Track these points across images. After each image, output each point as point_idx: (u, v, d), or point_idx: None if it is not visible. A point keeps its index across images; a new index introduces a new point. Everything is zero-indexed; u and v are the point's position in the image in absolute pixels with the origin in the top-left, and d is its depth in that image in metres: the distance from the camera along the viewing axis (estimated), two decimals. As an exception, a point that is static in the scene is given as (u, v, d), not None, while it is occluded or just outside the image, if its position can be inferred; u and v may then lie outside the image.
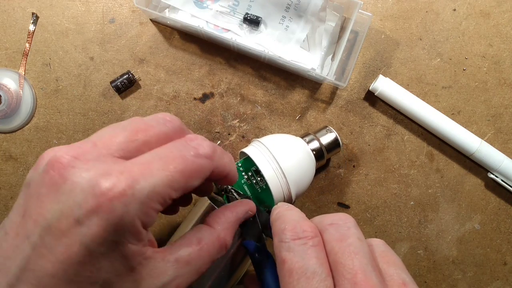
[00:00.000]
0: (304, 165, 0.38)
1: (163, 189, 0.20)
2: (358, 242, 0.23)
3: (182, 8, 0.44)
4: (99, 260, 0.19)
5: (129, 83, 0.44)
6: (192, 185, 0.21)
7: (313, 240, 0.23)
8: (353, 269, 0.21)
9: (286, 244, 0.23)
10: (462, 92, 0.46)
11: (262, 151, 0.37)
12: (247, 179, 0.39)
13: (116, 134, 0.21)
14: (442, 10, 0.46)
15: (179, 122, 0.24)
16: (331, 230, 0.23)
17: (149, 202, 0.19)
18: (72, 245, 0.18)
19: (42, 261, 0.18)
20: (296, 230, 0.23)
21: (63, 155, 0.19)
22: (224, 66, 0.45)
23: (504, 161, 0.43)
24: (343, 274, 0.21)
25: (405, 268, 0.23)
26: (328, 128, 0.42)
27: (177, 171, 0.20)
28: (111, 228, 0.18)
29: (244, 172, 0.39)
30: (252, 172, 0.39)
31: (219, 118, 0.45)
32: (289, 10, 0.43)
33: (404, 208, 0.45)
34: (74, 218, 0.18)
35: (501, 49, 0.46)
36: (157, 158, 0.20)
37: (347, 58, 0.45)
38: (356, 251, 0.22)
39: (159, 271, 0.21)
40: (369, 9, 0.46)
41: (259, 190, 0.39)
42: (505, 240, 0.46)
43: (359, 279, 0.21)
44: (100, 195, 0.18)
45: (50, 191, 0.19)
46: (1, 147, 0.44)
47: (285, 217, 0.25)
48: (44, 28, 0.45)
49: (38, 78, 0.45)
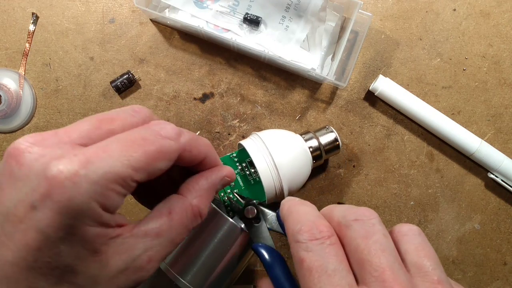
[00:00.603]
0: (299, 162, 0.38)
1: (122, 169, 0.19)
2: (384, 239, 0.22)
3: (182, 8, 0.44)
4: (56, 245, 0.18)
5: (129, 83, 0.44)
6: (157, 167, 0.21)
7: (330, 239, 0.23)
8: (380, 267, 0.21)
9: (304, 245, 0.23)
10: (462, 92, 0.46)
11: (258, 144, 0.37)
12: (241, 170, 0.39)
13: (79, 123, 0.21)
14: (442, 10, 0.46)
15: (148, 112, 0.23)
16: (355, 226, 0.23)
17: (106, 183, 0.18)
18: (28, 231, 0.18)
19: (2, 249, 0.18)
20: (313, 232, 0.23)
21: (21, 142, 0.19)
22: (224, 66, 0.45)
23: (504, 161, 0.43)
24: (370, 272, 0.21)
25: (440, 263, 0.22)
26: (328, 127, 0.41)
27: (136, 151, 0.20)
28: (64, 211, 0.18)
29: (239, 163, 0.39)
30: (246, 163, 0.39)
31: (219, 118, 0.45)
32: (289, 10, 0.43)
33: (404, 208, 0.45)
34: (29, 204, 0.18)
35: (501, 49, 0.46)
36: (115, 140, 0.20)
37: (347, 58, 0.45)
38: (382, 249, 0.21)
39: (127, 246, 0.21)
40: (369, 9, 0.46)
41: (252, 182, 0.39)
42: (505, 240, 0.46)
43: (387, 276, 0.20)
44: (52, 178, 0.18)
45: (9, 178, 0.19)
46: (1, 147, 0.44)
47: (298, 215, 0.25)
48: (44, 28, 0.45)
49: (38, 78, 0.45)
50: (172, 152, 0.22)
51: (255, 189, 0.39)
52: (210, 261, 0.35)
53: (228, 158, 0.39)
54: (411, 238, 0.23)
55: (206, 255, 0.35)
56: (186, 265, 0.35)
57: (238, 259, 0.36)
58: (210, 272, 0.35)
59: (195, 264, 0.35)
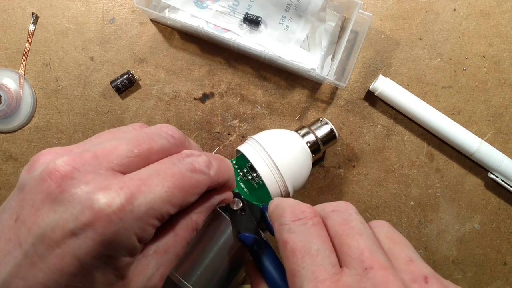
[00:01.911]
0: (299, 159, 0.38)
1: (161, 205, 0.20)
2: (361, 225, 0.23)
3: (182, 8, 0.44)
4: (91, 272, 0.19)
5: (129, 83, 0.44)
6: (190, 200, 0.22)
7: (312, 220, 0.23)
8: (358, 248, 0.21)
9: (287, 226, 0.23)
10: (462, 92, 0.46)
11: (256, 147, 0.37)
12: (243, 176, 0.39)
13: (117, 146, 0.21)
14: (442, 10, 0.46)
15: (182, 137, 0.24)
16: (333, 216, 0.24)
17: (146, 218, 0.19)
18: (65, 256, 0.18)
19: (33, 269, 0.18)
20: (295, 212, 0.24)
21: (62, 165, 0.19)
22: (224, 66, 0.45)
23: (504, 161, 0.43)
24: (349, 254, 0.21)
25: (412, 246, 0.23)
26: (322, 119, 0.41)
27: (175, 187, 0.20)
28: (106, 243, 0.18)
29: (239, 169, 0.39)
30: (247, 168, 0.39)
31: (219, 118, 0.45)
32: (289, 10, 0.43)
33: (404, 208, 0.45)
34: (69, 230, 0.18)
35: (501, 49, 0.46)
36: (155, 173, 0.20)
37: (347, 58, 0.45)
38: (360, 232, 0.22)
39: (142, 267, 0.21)
40: (369, 9, 0.46)
41: (255, 186, 0.39)
42: (505, 240, 0.46)
43: (366, 257, 0.21)
44: (98, 210, 0.18)
45: (47, 200, 0.19)
46: (1, 147, 0.44)
47: (282, 203, 0.26)
48: (44, 28, 0.45)
49: (38, 78, 0.45)
50: (204, 185, 0.23)
51: (259, 193, 0.39)
52: (214, 263, 0.35)
53: None
54: (381, 228, 0.24)
55: (210, 257, 0.35)
56: (190, 268, 0.35)
57: (241, 261, 0.36)
58: (213, 275, 0.35)
59: (198, 267, 0.35)
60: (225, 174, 0.25)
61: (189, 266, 0.35)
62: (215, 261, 0.35)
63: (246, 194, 0.39)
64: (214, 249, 0.36)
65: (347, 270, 0.21)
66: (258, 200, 0.39)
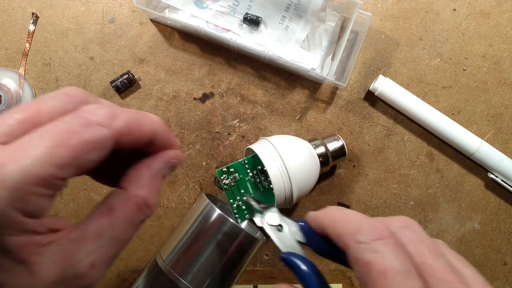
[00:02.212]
0: (308, 168, 0.38)
1: (43, 169, 0.17)
2: (434, 243, 0.23)
3: (182, 8, 0.44)
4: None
5: (129, 83, 0.44)
6: (88, 159, 0.19)
7: (392, 239, 0.22)
8: (442, 270, 0.21)
9: (369, 246, 0.22)
10: (462, 92, 0.46)
11: (269, 149, 0.37)
12: (252, 177, 0.39)
13: (3, 117, 0.18)
14: (442, 10, 0.46)
15: (82, 95, 0.21)
16: (406, 232, 0.23)
17: (25, 186, 0.17)
18: None
19: None
20: (375, 230, 0.22)
21: None
22: (224, 66, 0.45)
23: (504, 161, 0.43)
24: (434, 275, 0.21)
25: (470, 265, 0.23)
26: (337, 137, 0.42)
27: (58, 146, 0.17)
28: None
29: (250, 170, 0.39)
30: (257, 171, 0.39)
31: (219, 118, 0.45)
32: (289, 10, 0.43)
33: (404, 208, 0.45)
34: None
35: (501, 49, 0.46)
36: (36, 136, 0.18)
37: (347, 58, 0.45)
38: (438, 253, 0.22)
39: (64, 253, 0.19)
40: (369, 9, 0.46)
41: (261, 190, 0.39)
42: (505, 240, 0.46)
43: (452, 278, 0.21)
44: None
45: None
46: (1, 147, 0.44)
47: (346, 217, 0.24)
48: (44, 28, 0.45)
49: (38, 78, 0.45)
50: (104, 140, 0.19)
51: (264, 196, 0.39)
52: (210, 261, 0.35)
53: (239, 165, 0.39)
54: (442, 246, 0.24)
55: (206, 255, 0.35)
56: (186, 266, 0.35)
57: (238, 260, 0.36)
58: (210, 272, 0.35)
59: (195, 265, 0.35)
60: (144, 127, 0.21)
61: (186, 264, 0.35)
62: (212, 259, 0.35)
63: (250, 196, 0.39)
64: (211, 247, 0.36)
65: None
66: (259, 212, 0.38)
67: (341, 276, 0.44)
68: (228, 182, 0.38)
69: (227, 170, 0.38)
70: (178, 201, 0.44)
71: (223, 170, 0.37)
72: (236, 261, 0.36)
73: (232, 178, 0.38)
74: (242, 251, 0.36)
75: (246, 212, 0.38)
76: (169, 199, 0.44)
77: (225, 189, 0.38)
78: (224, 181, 0.37)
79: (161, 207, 0.44)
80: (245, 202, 0.38)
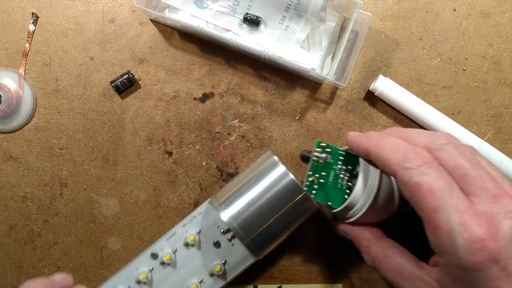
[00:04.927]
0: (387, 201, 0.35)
1: None
2: (473, 155, 0.27)
3: (182, 8, 0.44)
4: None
5: (129, 83, 0.44)
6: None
7: (435, 162, 0.26)
8: (482, 179, 0.25)
9: (416, 170, 0.26)
10: (462, 92, 0.46)
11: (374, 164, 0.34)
12: (339, 170, 0.37)
13: None
14: (442, 10, 0.46)
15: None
16: (449, 148, 0.27)
17: None
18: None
19: None
20: (420, 157, 0.26)
21: None
22: (224, 66, 0.45)
23: (504, 161, 0.43)
24: (475, 184, 0.25)
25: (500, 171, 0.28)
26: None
27: None
28: None
29: (342, 163, 0.37)
30: (347, 169, 0.37)
31: (219, 118, 0.45)
32: (289, 10, 0.43)
33: (404, 208, 0.45)
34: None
35: (501, 49, 0.46)
36: None
37: (347, 58, 0.45)
38: (479, 165, 0.26)
39: None
40: (369, 9, 0.46)
41: (338, 186, 0.37)
42: (505, 240, 0.46)
43: (492, 186, 0.25)
44: None
45: None
46: (1, 147, 0.44)
47: (392, 145, 0.28)
48: (44, 28, 0.45)
49: (38, 78, 0.45)
50: None
51: (334, 193, 0.37)
52: (265, 212, 0.36)
53: (336, 151, 0.37)
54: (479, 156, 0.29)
55: (262, 205, 0.36)
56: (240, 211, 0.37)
57: (291, 220, 0.37)
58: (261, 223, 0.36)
59: (249, 212, 0.36)
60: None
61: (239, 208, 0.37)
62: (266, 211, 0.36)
63: (326, 184, 0.37)
64: (268, 198, 0.37)
65: (477, 199, 0.25)
66: (325, 197, 0.37)
67: (341, 276, 0.44)
68: (319, 157, 0.37)
69: (325, 146, 0.37)
70: (178, 201, 0.44)
71: (322, 145, 0.36)
72: (288, 221, 0.37)
73: (325, 156, 0.37)
74: (297, 213, 0.37)
75: (315, 192, 0.37)
76: (169, 199, 0.44)
77: (313, 160, 0.37)
78: (317, 154, 0.37)
79: (161, 207, 0.44)
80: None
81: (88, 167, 0.44)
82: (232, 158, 0.45)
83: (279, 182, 0.36)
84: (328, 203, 0.37)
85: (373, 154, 0.30)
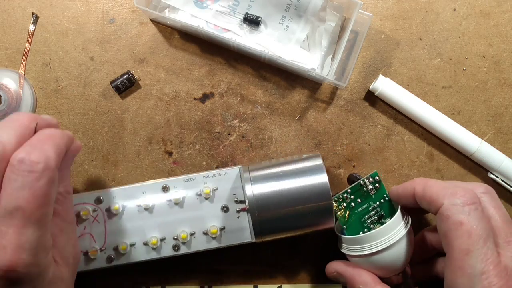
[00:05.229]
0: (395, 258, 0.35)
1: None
2: (505, 212, 0.29)
3: (182, 8, 0.44)
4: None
5: (129, 83, 0.44)
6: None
7: (480, 206, 0.27)
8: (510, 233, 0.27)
9: (462, 208, 0.26)
10: (462, 92, 0.46)
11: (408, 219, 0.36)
12: (373, 208, 0.38)
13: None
14: (442, 10, 0.46)
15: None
16: (487, 198, 0.29)
17: None
18: None
19: None
20: (467, 196, 0.27)
21: None
22: (224, 66, 0.45)
23: (504, 161, 0.43)
24: (505, 239, 0.27)
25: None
26: None
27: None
28: None
29: (378, 205, 0.38)
30: (379, 212, 0.38)
31: (219, 118, 0.45)
32: (289, 10, 0.43)
33: (404, 208, 0.45)
34: None
35: (501, 49, 0.46)
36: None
37: (347, 58, 0.45)
38: (509, 219, 0.28)
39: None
40: (369, 9, 0.46)
41: (361, 220, 0.38)
42: (505, 240, 0.46)
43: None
44: None
45: None
46: (1, 147, 0.44)
47: (437, 183, 0.30)
48: (44, 28, 0.45)
49: (38, 78, 0.45)
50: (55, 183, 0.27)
51: (354, 222, 0.38)
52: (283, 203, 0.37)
53: (383, 191, 0.38)
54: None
55: (286, 193, 0.37)
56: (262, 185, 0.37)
57: (306, 221, 0.37)
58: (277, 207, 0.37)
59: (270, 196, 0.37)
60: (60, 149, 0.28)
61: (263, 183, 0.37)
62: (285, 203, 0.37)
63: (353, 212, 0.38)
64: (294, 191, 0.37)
65: (502, 252, 0.26)
66: (344, 215, 0.38)
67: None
68: (367, 185, 0.38)
69: (378, 180, 0.38)
70: (178, 201, 0.44)
71: (376, 178, 0.38)
72: (301, 220, 0.37)
73: (371, 188, 0.38)
74: (312, 218, 0.37)
75: (339, 208, 0.39)
76: (169, 199, 0.44)
77: (360, 184, 0.38)
78: (366, 181, 0.38)
79: (161, 207, 0.44)
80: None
81: (88, 167, 0.44)
82: (232, 158, 0.45)
83: (313, 181, 0.37)
84: (344, 226, 0.38)
85: (419, 192, 0.30)
